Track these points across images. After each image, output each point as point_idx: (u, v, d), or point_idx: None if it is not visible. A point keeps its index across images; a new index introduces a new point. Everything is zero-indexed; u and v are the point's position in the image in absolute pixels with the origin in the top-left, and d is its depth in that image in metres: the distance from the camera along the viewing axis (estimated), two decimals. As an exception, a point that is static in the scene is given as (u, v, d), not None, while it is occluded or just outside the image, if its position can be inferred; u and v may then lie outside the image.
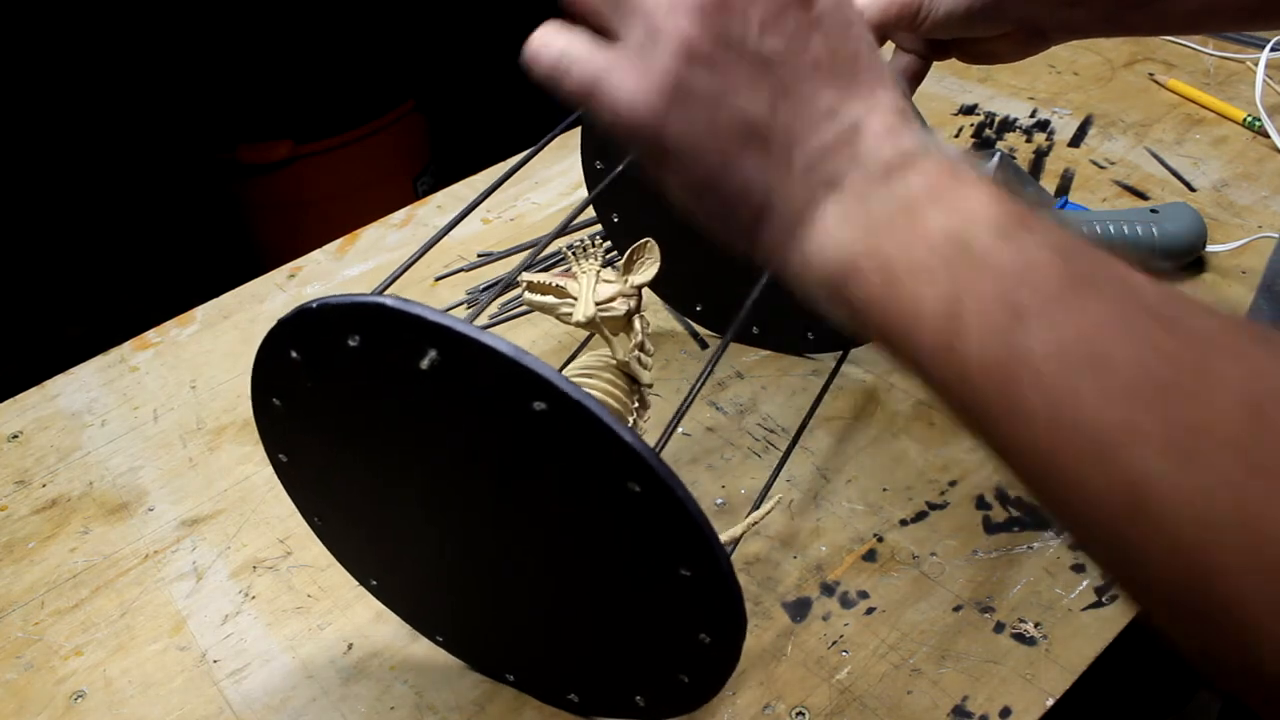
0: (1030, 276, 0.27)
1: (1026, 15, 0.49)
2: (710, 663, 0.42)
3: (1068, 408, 0.25)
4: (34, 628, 0.58)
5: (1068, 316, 0.26)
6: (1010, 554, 0.57)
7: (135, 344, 0.78)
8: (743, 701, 0.51)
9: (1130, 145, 0.88)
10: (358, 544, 0.51)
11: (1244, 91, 0.92)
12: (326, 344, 0.38)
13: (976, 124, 0.93)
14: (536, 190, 0.90)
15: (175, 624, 0.57)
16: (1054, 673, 0.51)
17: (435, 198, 0.91)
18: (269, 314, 0.80)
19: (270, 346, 0.40)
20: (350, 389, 0.40)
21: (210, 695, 0.54)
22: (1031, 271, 0.27)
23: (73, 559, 0.62)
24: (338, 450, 0.44)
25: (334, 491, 0.47)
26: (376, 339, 0.37)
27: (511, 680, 0.52)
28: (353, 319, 0.37)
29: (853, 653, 0.53)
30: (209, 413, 0.71)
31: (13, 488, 0.67)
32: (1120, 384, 0.25)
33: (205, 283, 0.96)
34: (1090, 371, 0.25)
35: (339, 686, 0.54)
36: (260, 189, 1.74)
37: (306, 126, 1.70)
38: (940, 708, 0.50)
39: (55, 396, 0.74)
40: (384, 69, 1.84)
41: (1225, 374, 0.24)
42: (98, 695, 0.54)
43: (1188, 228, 0.71)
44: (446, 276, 0.81)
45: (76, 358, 0.77)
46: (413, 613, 0.54)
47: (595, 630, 0.46)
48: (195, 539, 0.62)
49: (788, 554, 0.58)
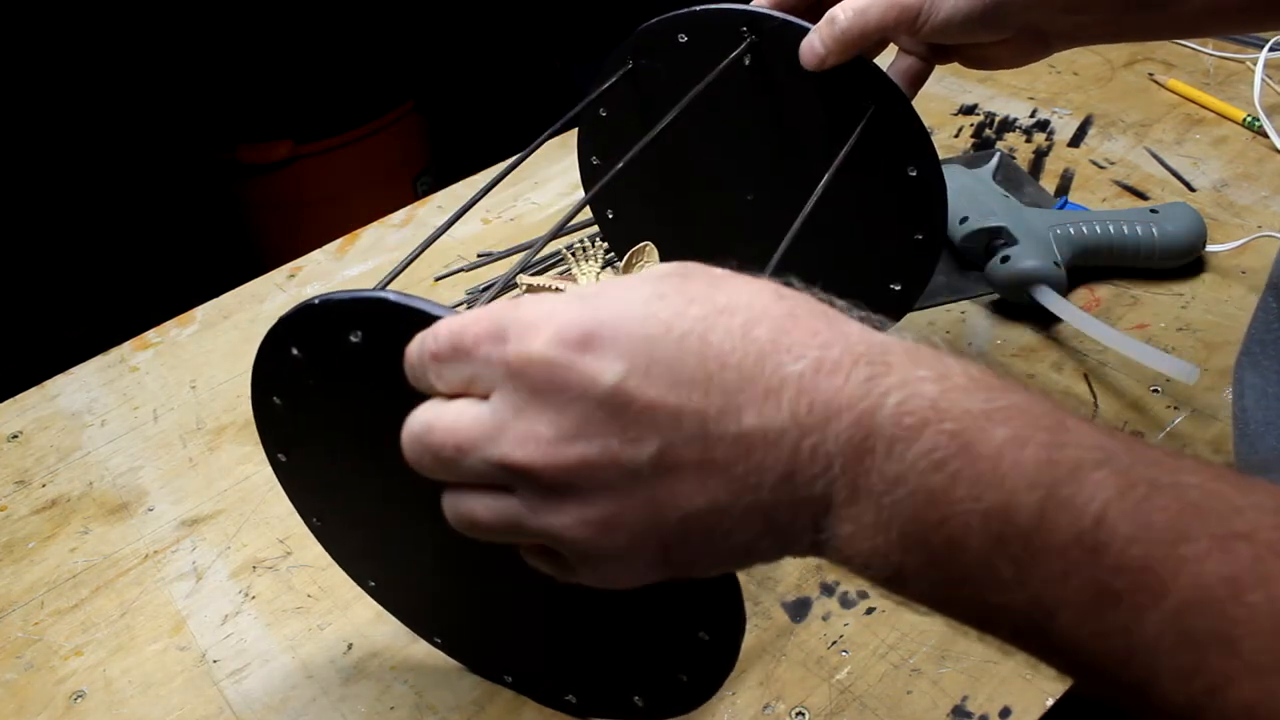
0: (1108, 549, 0.25)
1: (1028, 22, 0.48)
2: (709, 661, 0.42)
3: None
4: (34, 628, 0.58)
5: (1172, 594, 0.24)
6: (1010, 554, 0.57)
7: (135, 344, 0.78)
8: (742, 701, 0.51)
9: (1130, 145, 0.88)
10: (356, 545, 0.51)
11: (1244, 91, 0.92)
12: (328, 340, 0.38)
13: (976, 124, 0.93)
14: (536, 190, 0.90)
15: (175, 624, 0.57)
16: (1054, 673, 0.51)
17: (435, 198, 0.91)
18: (269, 314, 0.80)
19: (271, 344, 0.40)
20: (352, 386, 0.40)
21: (210, 695, 0.54)
22: (1106, 543, 0.25)
23: (73, 559, 0.62)
24: (338, 450, 0.44)
25: (333, 492, 0.47)
26: (379, 334, 0.37)
27: (510, 682, 0.52)
28: (355, 315, 0.37)
29: (853, 653, 0.53)
30: (209, 413, 0.71)
31: (13, 488, 0.67)
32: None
33: (205, 283, 0.96)
34: (1220, 649, 0.23)
35: (339, 686, 0.54)
36: (260, 189, 1.74)
37: (306, 126, 1.70)
38: (940, 708, 0.50)
39: (55, 396, 0.74)
40: (384, 69, 1.84)
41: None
42: (98, 695, 0.54)
43: (1188, 228, 0.71)
44: (446, 276, 0.81)
45: (76, 358, 0.77)
46: (411, 614, 0.54)
47: (593, 631, 0.46)
48: (195, 539, 0.62)
49: (787, 554, 0.58)
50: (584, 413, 0.29)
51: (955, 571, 0.27)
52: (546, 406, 0.29)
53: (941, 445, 0.27)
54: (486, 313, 0.31)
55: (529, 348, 0.29)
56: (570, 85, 1.91)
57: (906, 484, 0.27)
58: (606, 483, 0.29)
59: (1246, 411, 0.53)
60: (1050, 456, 0.26)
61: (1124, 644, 0.25)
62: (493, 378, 0.30)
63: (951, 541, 0.27)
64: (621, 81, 0.57)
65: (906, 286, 0.59)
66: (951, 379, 0.28)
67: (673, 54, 0.55)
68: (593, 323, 0.29)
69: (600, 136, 0.62)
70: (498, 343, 0.30)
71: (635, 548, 0.30)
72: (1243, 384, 0.53)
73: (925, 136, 0.53)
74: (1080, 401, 0.65)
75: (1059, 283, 0.68)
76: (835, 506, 0.28)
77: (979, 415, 0.27)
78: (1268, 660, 0.23)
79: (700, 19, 0.53)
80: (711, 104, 0.55)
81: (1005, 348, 0.69)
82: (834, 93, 0.53)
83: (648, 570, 0.31)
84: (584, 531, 0.30)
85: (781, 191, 0.58)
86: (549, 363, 0.29)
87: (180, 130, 1.77)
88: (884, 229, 0.57)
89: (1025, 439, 0.26)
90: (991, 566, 0.26)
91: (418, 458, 0.32)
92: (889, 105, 0.52)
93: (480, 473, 0.31)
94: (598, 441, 0.29)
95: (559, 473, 0.29)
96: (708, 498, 0.29)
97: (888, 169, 0.54)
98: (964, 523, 0.26)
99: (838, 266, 0.60)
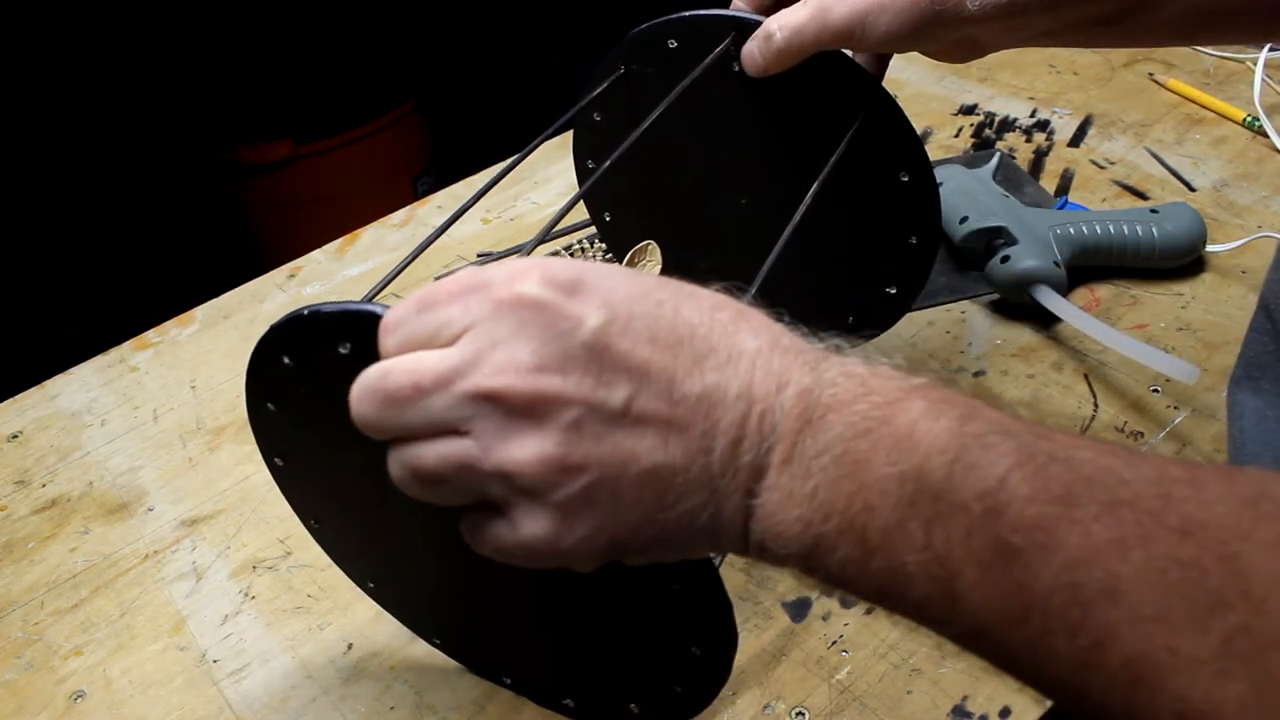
0: (1008, 508, 0.26)
1: (964, 36, 0.49)
2: (702, 675, 0.42)
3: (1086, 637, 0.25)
4: (34, 628, 0.58)
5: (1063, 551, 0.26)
6: (1010, 554, 0.57)
7: (135, 344, 0.78)
8: (742, 702, 0.51)
9: (1130, 145, 0.88)
10: (355, 546, 0.51)
11: (1244, 91, 0.92)
12: (318, 351, 0.38)
13: (976, 124, 0.93)
14: (536, 190, 0.90)
15: (175, 624, 0.57)
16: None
17: (435, 198, 0.91)
18: (269, 314, 0.80)
19: (263, 352, 0.40)
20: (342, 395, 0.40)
21: (210, 695, 0.54)
22: (1006, 502, 0.27)
23: (73, 559, 0.62)
24: (333, 454, 0.44)
25: (330, 494, 0.47)
26: (369, 346, 0.36)
27: (509, 683, 0.52)
28: (344, 327, 0.36)
29: (853, 653, 0.53)
30: (209, 413, 0.71)
31: (13, 488, 0.67)
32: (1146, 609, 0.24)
33: (205, 283, 0.96)
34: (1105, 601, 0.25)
35: (339, 686, 0.54)
36: (260, 189, 1.74)
37: (306, 126, 1.70)
38: (940, 708, 0.50)
39: (55, 396, 0.74)
40: (384, 69, 1.84)
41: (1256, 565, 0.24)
42: (98, 695, 0.54)
43: (1188, 228, 0.71)
44: (446, 276, 0.81)
45: (76, 358, 0.77)
46: (410, 615, 0.54)
47: (589, 639, 0.46)
48: (195, 539, 0.62)
49: (787, 554, 0.58)
50: (566, 349, 0.30)
51: (870, 539, 0.29)
52: (532, 339, 0.30)
53: (868, 415, 0.29)
54: (458, 274, 0.32)
55: (519, 287, 0.31)
56: (570, 85, 1.91)
57: (833, 450, 0.29)
58: (574, 421, 0.30)
59: (1245, 432, 0.53)
60: (961, 428, 0.28)
61: (1021, 602, 0.26)
62: (471, 319, 0.31)
63: (868, 507, 0.29)
64: (615, 86, 0.57)
65: (902, 290, 0.59)
66: (878, 368, 0.31)
67: (663, 59, 0.55)
68: (581, 272, 0.31)
69: (595, 140, 0.62)
70: (477, 290, 0.31)
71: (584, 503, 0.31)
72: (1242, 406, 0.53)
73: (916, 142, 0.53)
74: (1080, 401, 0.65)
75: (1059, 283, 0.68)
76: (769, 470, 0.30)
77: (900, 392, 0.30)
78: (1149, 611, 0.24)
79: (690, 24, 0.53)
80: (705, 108, 0.55)
81: (1005, 348, 0.69)
82: (824, 99, 0.53)
83: (590, 539, 0.31)
84: (540, 469, 0.30)
85: (776, 195, 0.58)
86: (540, 299, 0.30)
87: (180, 130, 1.77)
88: (877, 233, 0.57)
89: (939, 413, 0.29)
90: (903, 529, 0.28)
91: (364, 408, 0.32)
92: (879, 112, 0.52)
93: (434, 415, 0.31)
94: (574, 378, 0.30)
95: (532, 397, 0.30)
96: (666, 455, 0.30)
97: (879, 175, 0.55)
98: (881, 489, 0.29)
99: (832, 270, 0.60)
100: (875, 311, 0.61)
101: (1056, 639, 0.26)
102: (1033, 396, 0.66)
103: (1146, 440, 0.62)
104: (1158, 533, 0.25)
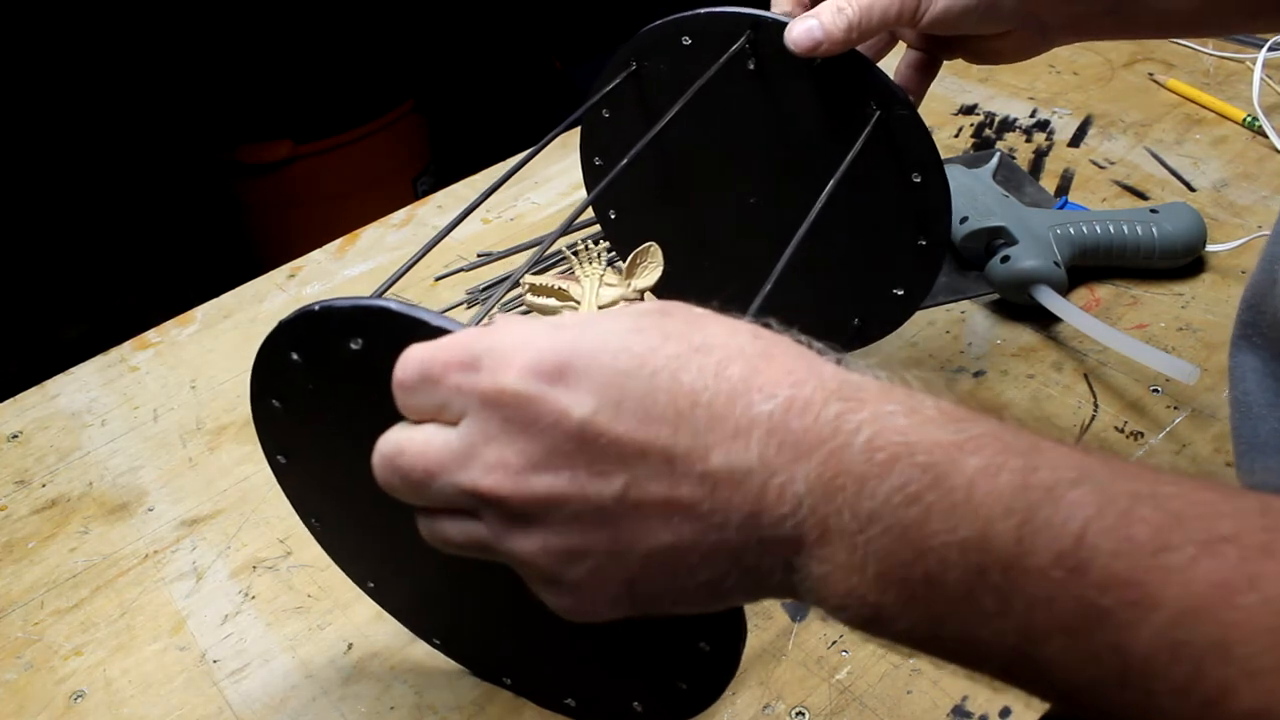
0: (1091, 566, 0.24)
1: (1024, 12, 0.48)
2: (709, 671, 0.42)
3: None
4: (34, 628, 0.58)
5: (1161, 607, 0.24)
6: (1010, 554, 0.57)
7: (135, 344, 0.78)
8: (742, 701, 0.51)
9: (1130, 145, 0.88)
10: (355, 546, 0.51)
11: (1243, 91, 0.92)
12: (328, 347, 0.38)
13: (976, 124, 0.93)
14: (536, 190, 0.90)
15: (175, 624, 0.57)
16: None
17: (435, 198, 0.91)
18: (269, 314, 0.80)
19: (270, 348, 0.40)
20: (351, 391, 0.40)
21: (210, 695, 0.54)
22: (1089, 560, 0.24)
23: (72, 559, 0.62)
24: (337, 453, 0.44)
25: (332, 493, 0.47)
26: (380, 342, 0.36)
27: (509, 684, 0.52)
28: (356, 322, 0.37)
29: (853, 652, 0.53)
30: (209, 413, 0.71)
31: (13, 488, 0.67)
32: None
33: (205, 283, 0.96)
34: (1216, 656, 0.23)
35: (339, 686, 0.54)
36: (260, 189, 1.74)
37: (306, 126, 1.70)
38: (940, 708, 0.50)
39: (55, 396, 0.74)
40: (384, 69, 1.84)
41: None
42: (98, 695, 0.54)
43: (1188, 228, 0.71)
44: (446, 276, 0.81)
45: (76, 358, 0.77)
46: (410, 615, 0.54)
47: (592, 638, 0.46)
48: (195, 539, 0.62)
49: (787, 554, 0.58)
50: (553, 444, 0.29)
51: (936, 608, 0.27)
52: (517, 437, 0.29)
53: (914, 479, 0.26)
54: (457, 340, 0.31)
55: (502, 379, 0.30)
56: (570, 86, 1.91)
57: (880, 520, 0.27)
58: (572, 514, 0.30)
59: (1249, 395, 0.52)
60: (1025, 481, 0.26)
61: (1117, 664, 0.24)
62: (463, 405, 0.31)
63: (930, 577, 0.26)
64: (625, 83, 0.57)
65: (909, 291, 0.59)
66: (922, 412, 0.28)
67: (676, 56, 0.55)
68: (567, 353, 0.29)
69: (602, 137, 0.62)
70: (469, 371, 0.30)
71: (598, 580, 0.31)
72: (1243, 367, 0.53)
73: (930, 143, 0.53)
74: (1080, 401, 0.65)
75: (1059, 283, 0.68)
76: (806, 546, 0.28)
77: (950, 446, 0.27)
78: (1267, 663, 0.22)
79: (704, 21, 0.53)
80: (715, 106, 0.55)
81: (1005, 348, 0.69)
82: (839, 97, 0.53)
83: (612, 605, 0.32)
84: (546, 559, 0.31)
85: (784, 194, 0.58)
86: (521, 395, 0.29)
87: (180, 130, 1.77)
88: (887, 234, 0.57)
89: (999, 466, 0.26)
90: (973, 599, 0.26)
91: (388, 480, 0.33)
92: (894, 111, 0.52)
93: (449, 497, 0.31)
94: (565, 473, 0.29)
95: (525, 502, 0.30)
96: (672, 535, 0.29)
97: (892, 175, 0.54)
98: (941, 557, 0.26)
99: (840, 271, 0.60)
100: (881, 313, 0.61)
101: (1162, 700, 0.24)
102: (1032, 396, 0.66)
103: (1146, 440, 0.62)
104: (1268, 570, 0.23)
